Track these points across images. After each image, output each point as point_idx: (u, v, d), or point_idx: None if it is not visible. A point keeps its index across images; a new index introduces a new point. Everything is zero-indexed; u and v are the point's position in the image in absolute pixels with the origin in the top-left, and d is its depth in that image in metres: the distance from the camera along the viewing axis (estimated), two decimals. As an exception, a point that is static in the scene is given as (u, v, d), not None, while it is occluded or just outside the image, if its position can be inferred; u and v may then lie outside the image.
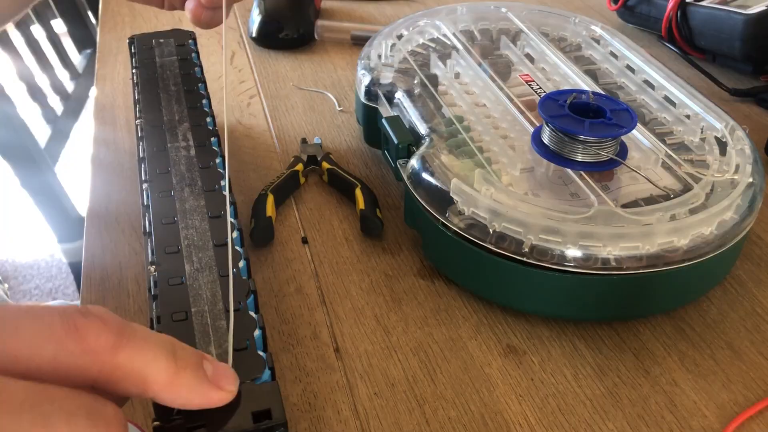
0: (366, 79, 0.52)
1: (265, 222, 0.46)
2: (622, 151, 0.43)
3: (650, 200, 0.41)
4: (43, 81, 1.51)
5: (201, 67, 0.52)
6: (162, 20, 0.76)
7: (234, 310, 0.32)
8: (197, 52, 0.54)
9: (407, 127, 0.47)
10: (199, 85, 0.49)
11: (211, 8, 0.47)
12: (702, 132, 0.45)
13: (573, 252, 0.37)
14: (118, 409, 0.24)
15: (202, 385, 0.27)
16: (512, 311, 0.41)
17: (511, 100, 0.48)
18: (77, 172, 1.69)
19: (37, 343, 0.23)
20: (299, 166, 0.51)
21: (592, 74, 0.52)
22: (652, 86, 0.50)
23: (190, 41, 0.55)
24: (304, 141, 0.55)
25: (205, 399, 0.27)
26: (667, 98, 0.49)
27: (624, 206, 0.40)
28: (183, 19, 0.76)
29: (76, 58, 1.69)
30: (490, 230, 0.38)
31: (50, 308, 0.24)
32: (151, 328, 0.32)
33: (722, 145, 0.44)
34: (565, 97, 0.43)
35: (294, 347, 0.39)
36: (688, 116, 0.47)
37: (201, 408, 0.27)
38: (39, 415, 0.21)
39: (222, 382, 0.27)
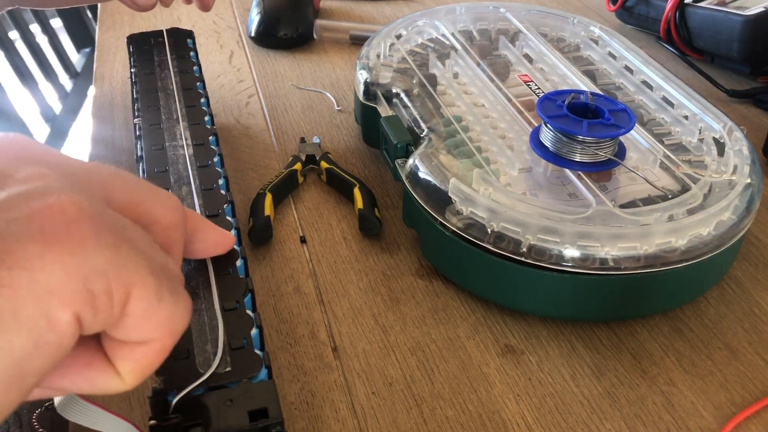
0: (365, 79, 0.52)
1: (264, 221, 0.46)
2: (621, 152, 0.43)
3: (648, 200, 0.41)
4: (41, 80, 1.51)
5: (199, 65, 0.52)
6: (161, 19, 0.76)
7: (231, 309, 0.32)
8: (196, 51, 0.54)
9: (406, 126, 0.47)
10: (198, 83, 0.49)
11: None
12: (700, 133, 0.46)
13: (571, 252, 0.37)
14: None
15: (208, 221, 0.31)
16: (510, 311, 0.42)
17: (509, 100, 0.48)
18: (75, 171, 1.69)
19: None
20: (298, 166, 0.51)
21: (591, 75, 0.52)
22: (650, 87, 0.50)
23: (189, 40, 0.55)
24: (302, 140, 0.55)
25: (217, 233, 0.30)
26: (665, 99, 0.49)
27: (622, 206, 0.40)
28: (182, 18, 0.76)
29: (75, 56, 1.69)
30: (489, 230, 0.38)
31: None
32: None
33: (720, 146, 0.44)
34: (564, 98, 0.43)
35: (292, 346, 0.39)
36: (686, 117, 0.47)
37: (218, 252, 0.31)
38: (123, 227, 0.23)
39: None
